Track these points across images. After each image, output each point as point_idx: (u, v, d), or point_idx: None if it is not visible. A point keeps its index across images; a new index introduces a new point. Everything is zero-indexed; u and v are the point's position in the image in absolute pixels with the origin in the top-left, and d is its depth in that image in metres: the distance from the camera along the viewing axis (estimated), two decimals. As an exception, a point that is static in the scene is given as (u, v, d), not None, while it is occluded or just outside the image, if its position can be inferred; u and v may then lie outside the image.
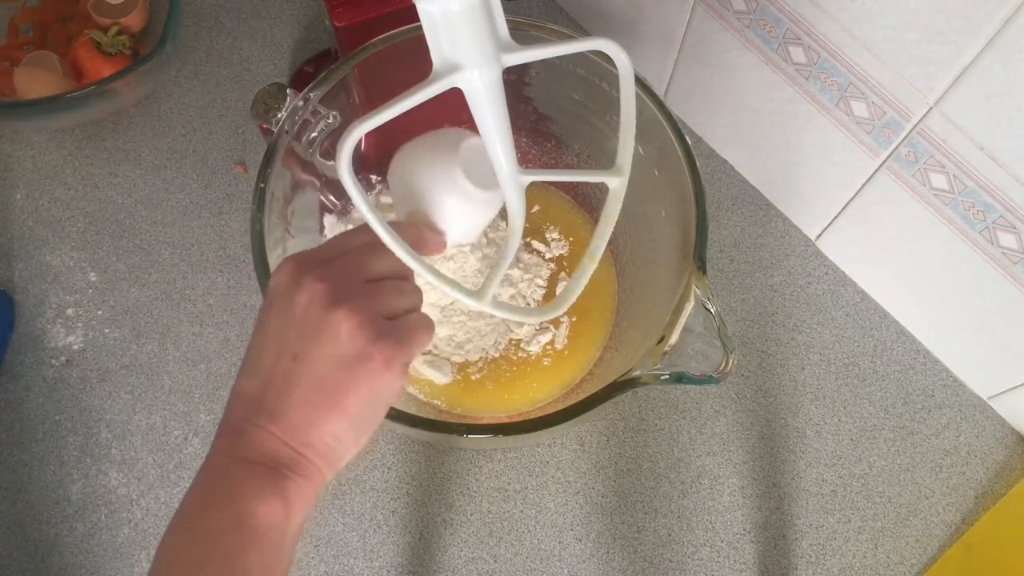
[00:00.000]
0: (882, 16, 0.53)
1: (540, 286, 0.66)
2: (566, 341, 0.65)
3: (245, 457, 0.39)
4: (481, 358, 0.63)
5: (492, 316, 0.63)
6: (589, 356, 0.65)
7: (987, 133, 0.52)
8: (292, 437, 0.39)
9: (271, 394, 0.39)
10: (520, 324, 0.64)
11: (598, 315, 0.66)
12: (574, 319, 0.65)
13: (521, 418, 0.59)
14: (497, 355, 0.64)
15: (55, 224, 0.72)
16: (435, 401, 0.63)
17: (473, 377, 0.63)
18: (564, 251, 0.68)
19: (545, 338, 0.64)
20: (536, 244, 0.68)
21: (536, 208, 0.69)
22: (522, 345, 0.64)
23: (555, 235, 0.68)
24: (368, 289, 0.41)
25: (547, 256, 0.67)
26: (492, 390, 0.63)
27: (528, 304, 0.65)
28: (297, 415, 0.39)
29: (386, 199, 0.67)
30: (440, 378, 0.62)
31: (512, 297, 0.65)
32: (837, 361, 0.68)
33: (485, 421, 0.63)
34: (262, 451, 0.39)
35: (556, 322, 0.65)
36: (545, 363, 0.64)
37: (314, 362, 0.39)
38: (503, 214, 0.48)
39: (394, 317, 0.41)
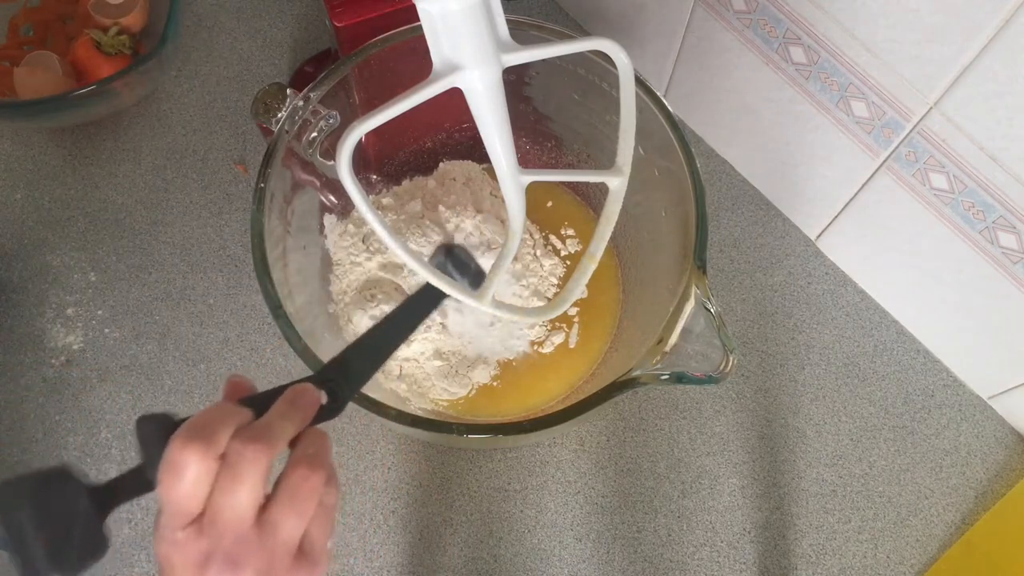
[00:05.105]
0: (882, 16, 0.53)
1: (554, 284, 0.66)
2: (577, 339, 0.65)
3: None
4: (498, 363, 0.64)
5: (496, 323, 0.63)
6: (601, 355, 0.65)
7: (987, 133, 0.52)
8: None
9: None
10: (532, 326, 0.64)
11: (608, 314, 0.66)
12: (586, 319, 0.65)
13: (522, 418, 0.59)
14: (512, 358, 0.64)
15: (55, 224, 0.72)
16: (452, 411, 0.63)
17: (494, 385, 0.64)
18: (579, 248, 0.68)
19: (558, 338, 0.64)
20: (553, 239, 0.68)
21: (550, 203, 0.69)
22: (535, 348, 0.64)
23: (571, 232, 0.68)
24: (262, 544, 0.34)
25: (563, 253, 0.67)
26: (509, 393, 0.63)
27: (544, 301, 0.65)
28: None
29: (386, 199, 0.67)
30: (458, 392, 0.62)
31: (520, 294, 0.65)
32: (837, 361, 0.68)
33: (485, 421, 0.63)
34: None
35: (569, 322, 0.65)
36: (558, 362, 0.64)
37: None
38: (503, 214, 0.48)
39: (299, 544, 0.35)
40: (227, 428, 0.33)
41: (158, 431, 0.34)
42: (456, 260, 0.44)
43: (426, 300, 0.44)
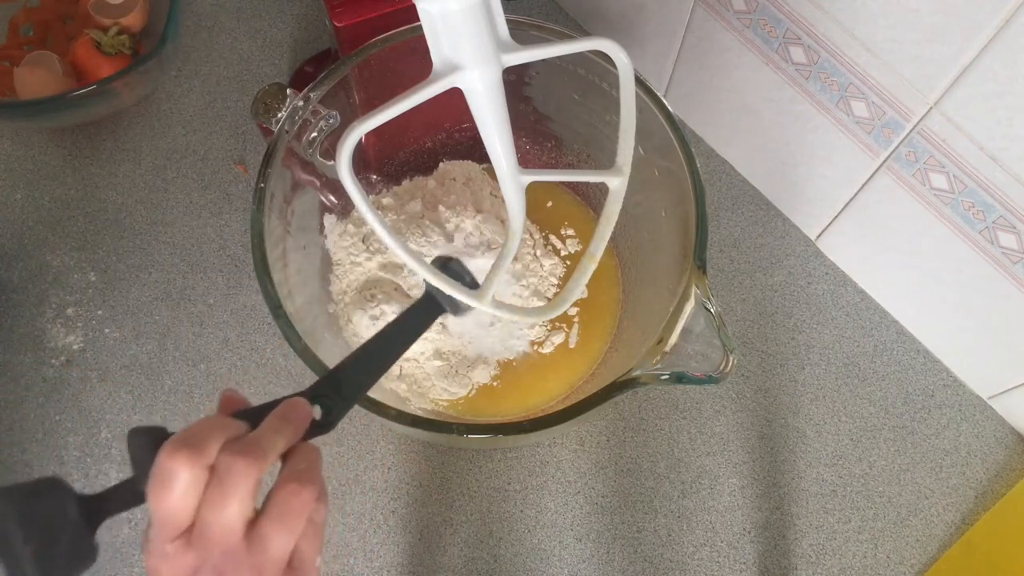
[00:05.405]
0: (882, 16, 0.53)
1: (554, 284, 0.66)
2: (577, 339, 0.65)
3: None
4: (498, 363, 0.64)
5: (496, 323, 0.63)
6: (601, 355, 0.65)
7: (987, 133, 0.52)
8: None
9: None
10: (532, 326, 0.64)
11: (608, 313, 0.66)
12: (586, 319, 0.65)
13: (522, 418, 0.59)
14: (512, 358, 0.64)
15: (55, 224, 0.72)
16: (452, 411, 0.63)
17: (494, 385, 0.64)
18: (579, 248, 0.68)
19: (558, 338, 0.64)
20: (553, 239, 0.68)
21: (550, 203, 0.69)
22: (535, 348, 0.64)
23: (571, 232, 0.68)
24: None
25: (563, 253, 0.67)
26: (509, 393, 0.63)
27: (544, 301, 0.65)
28: None
29: (386, 199, 0.67)
30: (458, 392, 0.62)
31: (520, 294, 0.65)
32: (837, 361, 0.68)
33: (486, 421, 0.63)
34: None
35: (569, 322, 0.65)
36: (558, 363, 0.64)
37: None
38: (503, 214, 0.48)
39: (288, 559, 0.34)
40: (217, 439, 0.33)
41: (150, 444, 0.34)
42: (451, 273, 0.44)
43: (422, 314, 0.44)
